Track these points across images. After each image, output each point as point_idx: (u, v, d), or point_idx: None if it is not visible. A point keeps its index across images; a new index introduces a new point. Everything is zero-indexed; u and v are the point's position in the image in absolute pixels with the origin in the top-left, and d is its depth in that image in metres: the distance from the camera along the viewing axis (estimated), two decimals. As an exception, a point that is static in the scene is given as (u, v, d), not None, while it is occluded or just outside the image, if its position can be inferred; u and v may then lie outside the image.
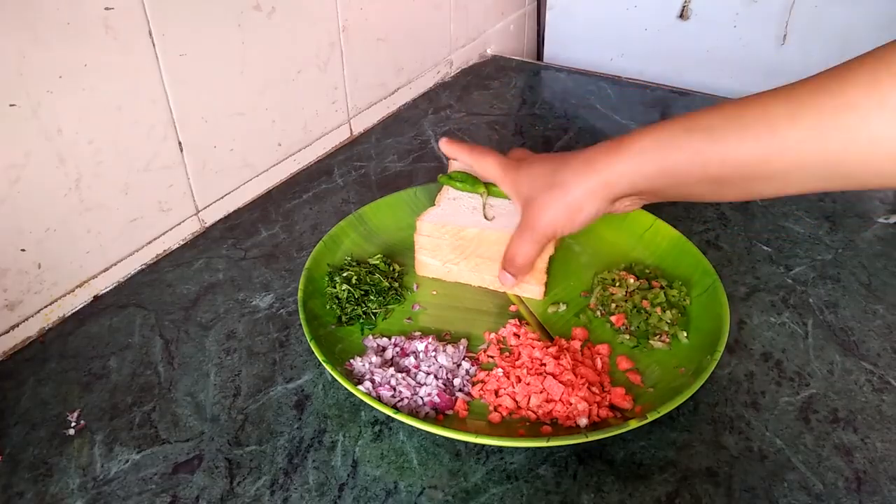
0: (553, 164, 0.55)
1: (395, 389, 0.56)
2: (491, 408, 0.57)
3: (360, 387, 0.55)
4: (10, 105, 0.58)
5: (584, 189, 0.52)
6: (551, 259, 0.67)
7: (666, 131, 0.49)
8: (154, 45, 0.67)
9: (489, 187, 0.71)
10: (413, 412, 0.55)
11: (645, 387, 0.58)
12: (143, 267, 0.73)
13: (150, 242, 0.74)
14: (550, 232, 0.56)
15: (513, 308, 0.67)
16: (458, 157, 0.65)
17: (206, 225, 0.80)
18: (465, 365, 0.60)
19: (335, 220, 0.75)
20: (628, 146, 0.50)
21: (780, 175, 0.45)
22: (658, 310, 0.63)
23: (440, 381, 0.58)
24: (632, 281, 0.66)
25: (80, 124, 0.63)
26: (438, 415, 0.56)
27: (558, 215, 0.54)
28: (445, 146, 0.66)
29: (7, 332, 0.63)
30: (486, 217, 0.68)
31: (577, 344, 0.62)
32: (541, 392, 0.56)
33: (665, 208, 0.80)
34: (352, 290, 0.65)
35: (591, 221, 0.55)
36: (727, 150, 0.45)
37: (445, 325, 0.65)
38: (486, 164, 0.62)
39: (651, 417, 0.52)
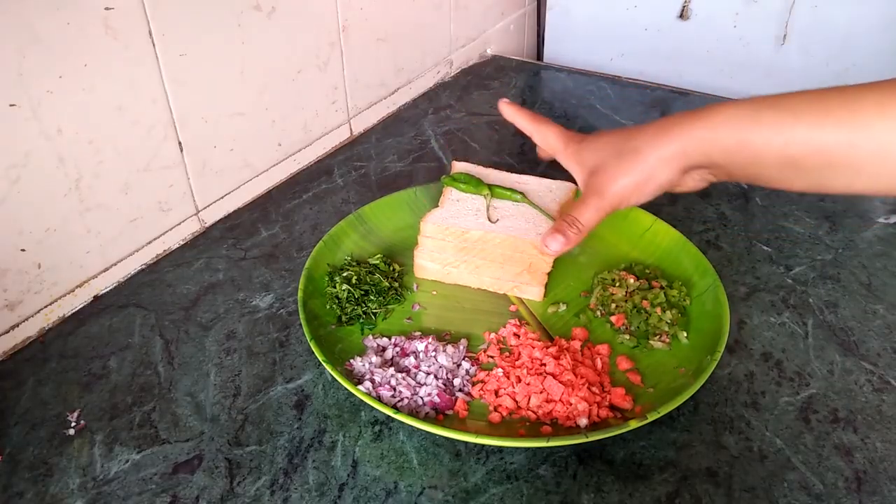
0: (623, 134, 0.54)
1: (395, 389, 0.56)
2: (491, 408, 0.57)
3: (360, 387, 0.55)
4: (10, 105, 0.58)
5: (658, 156, 0.51)
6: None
7: (748, 105, 0.48)
8: (154, 45, 0.67)
9: (493, 189, 0.71)
10: (413, 412, 0.55)
11: (645, 387, 0.58)
12: (143, 267, 0.73)
13: (150, 242, 0.74)
14: (617, 201, 0.54)
15: (513, 308, 0.67)
16: (518, 122, 0.63)
17: (206, 225, 0.80)
18: (465, 365, 0.60)
19: (335, 220, 0.75)
20: (708, 115, 0.49)
21: (858, 165, 0.44)
22: (658, 310, 0.63)
23: (440, 381, 0.58)
24: (632, 281, 0.66)
25: (80, 124, 0.63)
26: (438, 415, 0.56)
27: (628, 183, 0.53)
28: (506, 108, 0.63)
29: (7, 332, 0.63)
30: (489, 219, 0.68)
31: (577, 344, 0.62)
32: (541, 392, 0.56)
33: (665, 208, 0.80)
34: (352, 289, 0.65)
35: (659, 192, 0.53)
36: (811, 131, 0.45)
37: (445, 325, 0.65)
38: (546, 133, 0.60)
39: (651, 417, 0.52)
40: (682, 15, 1.18)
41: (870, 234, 0.76)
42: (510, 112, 0.63)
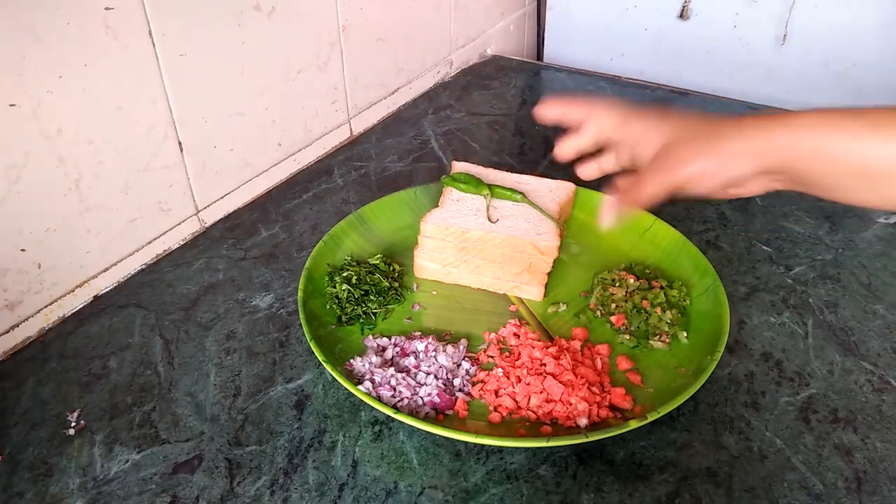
0: (701, 118, 0.53)
1: (395, 389, 0.56)
2: (491, 408, 0.57)
3: (360, 387, 0.55)
4: (10, 105, 0.58)
5: (742, 147, 0.50)
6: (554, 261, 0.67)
7: (830, 114, 0.48)
8: (154, 45, 0.67)
9: (493, 189, 0.71)
10: (413, 412, 0.55)
11: (645, 387, 0.58)
12: (143, 267, 0.73)
13: (150, 242, 0.74)
14: (687, 178, 0.52)
15: (513, 308, 0.67)
16: (568, 119, 0.61)
17: (206, 225, 0.80)
18: (465, 365, 0.60)
19: (335, 220, 0.75)
20: (790, 119, 0.49)
21: None
22: (658, 310, 0.63)
23: (440, 381, 0.58)
24: (632, 281, 0.66)
25: (80, 124, 0.63)
26: (438, 415, 0.56)
27: (707, 164, 0.51)
28: (548, 109, 0.61)
29: (7, 332, 0.63)
30: (489, 219, 0.68)
31: (577, 344, 0.62)
32: (541, 392, 0.56)
33: (665, 208, 0.80)
34: (352, 289, 0.65)
35: (725, 186, 0.52)
36: (891, 144, 0.45)
37: (445, 325, 0.65)
38: (600, 118, 0.59)
39: (651, 417, 0.52)
40: (682, 15, 1.18)
41: (870, 234, 0.76)
42: (556, 111, 0.61)
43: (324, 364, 0.56)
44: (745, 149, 0.50)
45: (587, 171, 0.63)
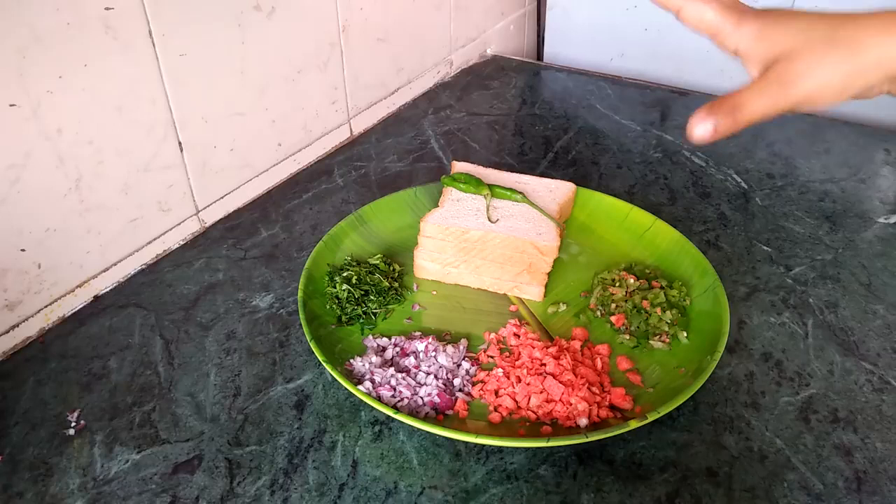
0: (831, 19, 0.44)
1: (395, 389, 0.56)
2: (491, 408, 0.57)
3: (360, 387, 0.55)
4: (10, 105, 0.58)
5: (881, 53, 0.42)
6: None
7: None
8: (154, 45, 0.67)
9: (493, 189, 0.71)
10: (413, 412, 0.55)
11: (645, 387, 0.58)
12: (143, 267, 0.73)
13: (150, 242, 0.74)
14: (805, 97, 0.44)
15: (513, 308, 0.67)
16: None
17: (206, 225, 0.80)
18: (465, 365, 0.60)
19: (335, 220, 0.75)
20: None
21: None
22: (658, 310, 0.63)
23: (440, 381, 0.58)
24: (632, 281, 0.66)
25: (80, 124, 0.63)
26: (438, 415, 0.56)
27: (833, 78, 0.43)
28: None
29: (7, 332, 0.63)
30: (489, 219, 0.68)
31: (577, 344, 0.62)
32: (541, 392, 0.56)
33: (665, 208, 0.80)
34: (352, 290, 0.65)
35: (859, 97, 0.45)
36: None
37: (445, 325, 0.65)
38: (703, 8, 0.48)
39: (651, 418, 0.52)
40: (682, 15, 1.18)
41: (870, 234, 0.76)
42: None
43: (324, 364, 0.56)
44: (884, 55, 0.42)
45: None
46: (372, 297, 0.66)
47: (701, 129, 0.45)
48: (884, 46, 0.42)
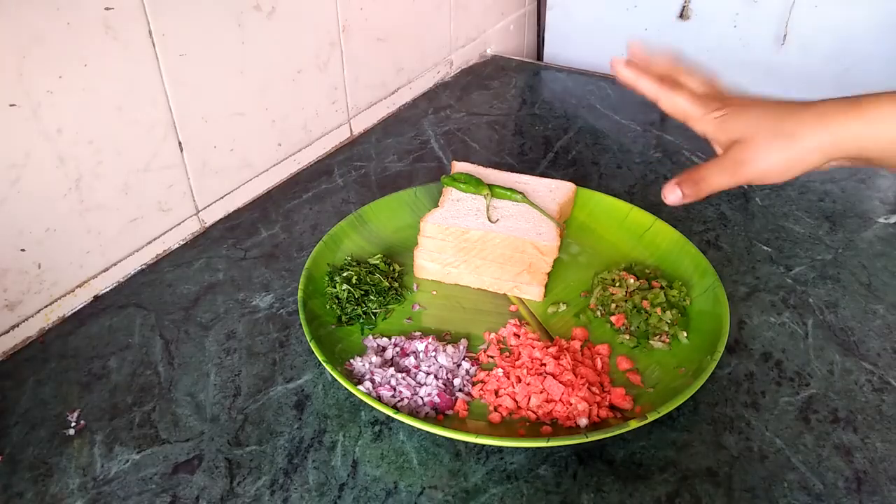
0: (777, 111, 0.52)
1: (395, 389, 0.56)
2: (491, 408, 0.57)
3: (360, 387, 0.55)
4: (10, 105, 0.58)
5: (813, 146, 0.50)
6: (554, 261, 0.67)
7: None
8: (154, 45, 0.67)
9: (492, 189, 0.71)
10: (413, 412, 0.55)
11: (645, 387, 0.58)
12: (143, 267, 0.73)
13: (150, 242, 0.74)
14: (758, 176, 0.52)
15: (513, 308, 0.67)
16: (640, 88, 0.58)
17: (206, 225, 0.80)
18: (465, 365, 0.60)
19: (335, 220, 0.75)
20: (868, 108, 0.48)
21: None
22: (658, 310, 0.63)
23: (440, 381, 0.58)
24: (632, 281, 0.66)
25: (80, 124, 0.63)
26: (438, 415, 0.56)
27: (777, 164, 0.51)
28: (622, 70, 0.58)
29: (7, 332, 0.63)
30: (489, 219, 0.68)
31: (577, 344, 0.62)
32: (541, 392, 0.56)
33: (665, 208, 0.80)
34: (352, 290, 0.65)
35: (797, 175, 0.52)
36: None
37: (445, 325, 0.65)
38: (675, 100, 0.57)
39: (651, 417, 0.52)
40: (682, 15, 1.18)
41: (870, 234, 0.76)
42: (629, 75, 0.58)
43: (324, 364, 0.56)
44: (820, 143, 0.49)
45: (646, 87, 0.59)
46: (372, 297, 0.66)
47: (672, 196, 0.55)
48: (818, 136, 0.49)
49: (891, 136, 0.48)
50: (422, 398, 0.56)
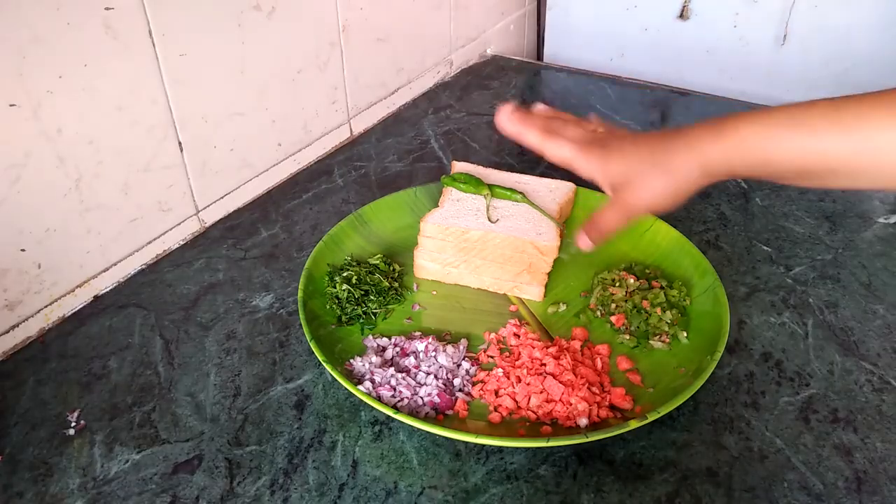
0: (649, 146, 0.54)
1: (395, 389, 0.56)
2: (491, 408, 0.57)
3: (360, 387, 0.55)
4: (10, 105, 0.58)
5: (687, 172, 0.52)
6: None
7: (767, 124, 0.49)
8: (154, 45, 0.67)
9: (492, 189, 0.71)
10: (413, 412, 0.55)
11: (645, 387, 0.58)
12: (143, 267, 0.73)
13: (150, 242, 0.74)
14: (645, 209, 0.55)
15: (513, 308, 0.67)
16: (525, 140, 0.60)
17: (206, 225, 0.80)
18: (465, 365, 0.60)
19: (335, 220, 0.75)
20: (731, 133, 0.50)
21: (868, 173, 0.46)
22: (658, 310, 0.63)
23: (440, 381, 0.58)
24: (632, 281, 0.66)
25: (80, 124, 0.63)
26: (438, 415, 0.56)
27: (660, 197, 0.54)
28: (506, 123, 0.59)
29: (7, 332, 0.63)
30: (489, 219, 0.68)
31: (577, 344, 0.62)
32: (541, 392, 0.56)
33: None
34: (352, 290, 0.65)
35: (683, 200, 0.54)
36: (827, 148, 0.46)
37: (445, 325, 0.65)
38: (559, 150, 0.58)
39: (651, 417, 0.52)
40: (682, 15, 1.18)
41: (870, 234, 0.76)
42: (513, 128, 0.59)
43: (324, 364, 0.56)
44: (694, 168, 0.52)
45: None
46: (372, 297, 0.66)
47: (582, 243, 0.58)
48: (689, 162, 0.51)
49: (754, 158, 0.49)
50: (422, 398, 0.56)
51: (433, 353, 0.60)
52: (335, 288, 0.65)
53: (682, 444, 0.54)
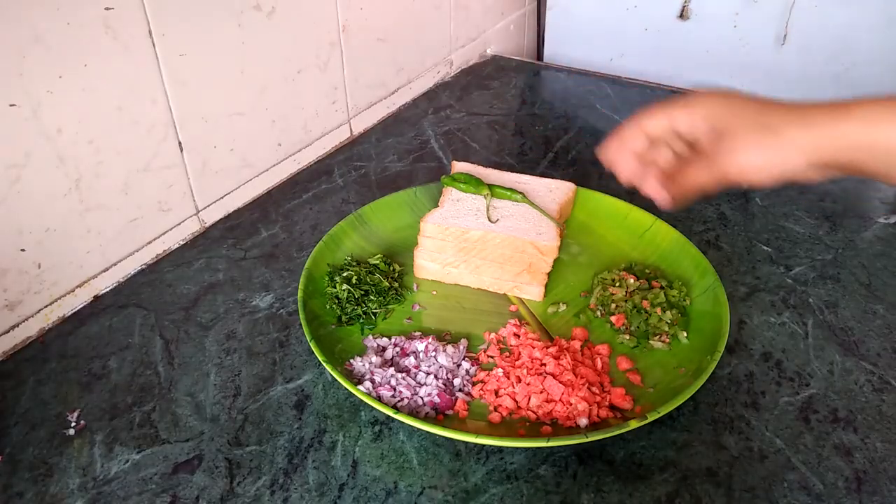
0: (760, 105, 0.50)
1: (395, 389, 0.56)
2: (491, 408, 0.57)
3: (360, 387, 0.55)
4: (10, 105, 0.58)
5: (797, 143, 0.47)
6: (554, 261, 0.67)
7: (886, 104, 0.45)
8: (154, 45, 0.67)
9: (492, 189, 0.71)
10: (413, 412, 0.55)
11: (645, 387, 0.58)
12: (143, 267, 0.73)
13: (150, 242, 0.74)
14: (737, 172, 0.50)
15: (513, 308, 0.67)
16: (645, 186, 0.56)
17: (206, 225, 0.80)
18: (465, 365, 0.60)
19: (335, 220, 0.75)
20: (855, 111, 0.46)
21: None
22: (658, 310, 0.63)
23: (440, 381, 0.58)
24: (632, 281, 0.66)
25: (80, 124, 0.63)
26: (438, 415, 0.56)
27: (757, 161, 0.49)
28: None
29: (7, 332, 0.63)
30: (489, 219, 0.68)
31: (577, 344, 0.62)
32: (541, 392, 0.56)
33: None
34: (352, 290, 0.65)
35: (776, 181, 0.50)
36: None
37: (445, 325, 0.65)
38: (691, 176, 0.53)
39: (651, 417, 0.52)
40: (682, 15, 1.18)
41: (870, 234, 0.76)
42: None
43: (324, 364, 0.56)
44: (804, 143, 0.47)
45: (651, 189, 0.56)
46: (372, 297, 0.66)
47: (659, 196, 0.54)
48: (800, 134, 0.47)
49: (872, 141, 0.46)
50: (422, 398, 0.56)
51: (433, 353, 0.60)
52: (335, 288, 0.65)
53: (682, 444, 0.54)
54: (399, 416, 0.52)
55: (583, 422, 0.54)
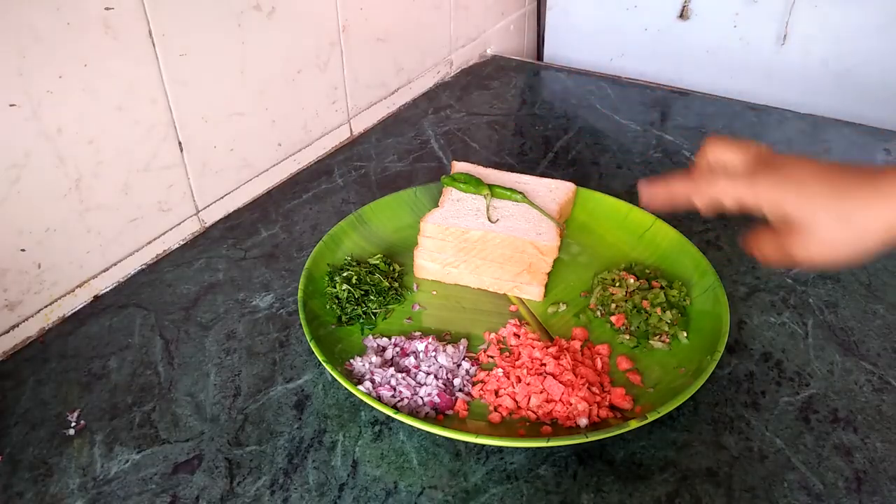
0: (831, 185, 0.45)
1: (395, 389, 0.56)
2: (491, 408, 0.57)
3: (360, 387, 0.55)
4: (10, 105, 0.58)
5: (875, 229, 0.45)
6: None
7: None
8: (154, 45, 0.67)
9: (492, 189, 0.71)
10: (413, 412, 0.55)
11: (645, 387, 0.58)
12: (143, 267, 0.73)
13: (150, 242, 0.74)
14: (812, 259, 0.48)
15: (513, 308, 0.67)
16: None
17: (206, 225, 0.80)
18: (465, 365, 0.60)
19: (335, 220, 0.75)
20: None
21: None
22: (658, 310, 0.63)
23: (440, 381, 0.58)
24: (632, 281, 0.66)
25: (80, 124, 0.63)
26: (438, 415, 0.56)
27: (832, 251, 0.46)
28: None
29: (7, 332, 0.63)
30: (489, 219, 0.68)
31: (577, 344, 0.62)
32: (541, 392, 0.56)
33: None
34: (352, 290, 0.65)
35: (863, 257, 0.47)
36: None
37: (445, 325, 0.65)
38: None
39: (651, 417, 0.52)
40: (682, 15, 1.18)
41: (870, 234, 0.76)
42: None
43: (324, 364, 0.56)
44: (879, 220, 0.44)
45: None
46: (372, 297, 0.66)
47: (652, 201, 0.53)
48: (878, 220, 0.43)
49: None
50: (422, 398, 0.56)
51: (433, 353, 0.60)
52: (335, 288, 0.65)
53: (682, 444, 0.54)
54: (399, 416, 0.52)
55: (583, 422, 0.54)
